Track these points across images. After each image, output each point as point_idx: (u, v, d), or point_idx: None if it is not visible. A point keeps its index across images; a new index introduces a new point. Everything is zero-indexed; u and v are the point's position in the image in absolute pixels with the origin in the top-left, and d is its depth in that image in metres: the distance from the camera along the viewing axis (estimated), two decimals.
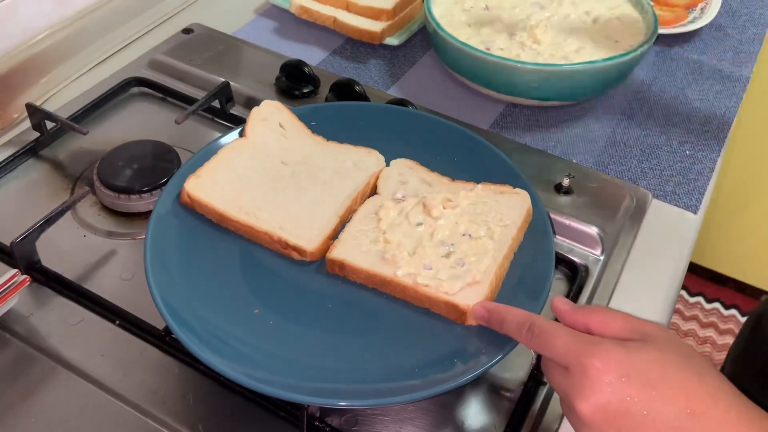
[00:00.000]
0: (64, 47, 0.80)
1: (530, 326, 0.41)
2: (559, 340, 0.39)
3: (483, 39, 0.78)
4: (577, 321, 0.41)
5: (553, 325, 0.40)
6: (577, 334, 0.39)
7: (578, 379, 0.37)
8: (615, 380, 0.36)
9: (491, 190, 0.58)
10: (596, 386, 0.37)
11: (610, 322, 0.40)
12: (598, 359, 0.37)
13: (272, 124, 0.63)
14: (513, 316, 0.43)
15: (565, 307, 0.42)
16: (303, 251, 0.54)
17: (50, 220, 0.59)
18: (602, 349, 0.37)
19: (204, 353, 0.46)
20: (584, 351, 0.38)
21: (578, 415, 0.37)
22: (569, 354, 0.38)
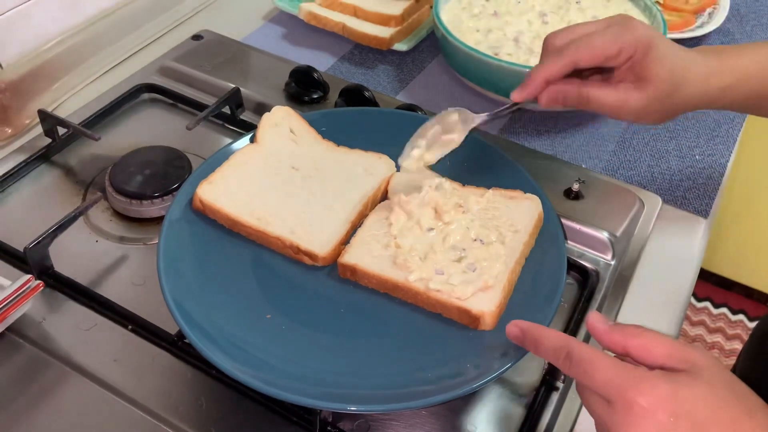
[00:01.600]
0: (76, 54, 0.81)
1: (568, 353, 0.39)
2: (601, 372, 0.37)
3: (491, 44, 0.79)
4: (615, 342, 0.39)
5: (593, 353, 0.38)
6: (619, 364, 0.37)
7: (622, 415, 0.35)
8: (662, 420, 0.34)
9: (502, 195, 0.58)
10: (642, 425, 0.35)
11: (653, 348, 0.38)
12: (644, 396, 0.35)
13: (283, 130, 0.63)
14: (548, 339, 0.41)
15: (601, 326, 0.40)
16: (315, 256, 0.54)
17: (63, 225, 0.59)
18: (648, 384, 0.35)
19: (217, 357, 0.46)
20: (629, 385, 0.35)
21: None
22: (612, 387, 0.36)
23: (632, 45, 0.51)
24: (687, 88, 0.52)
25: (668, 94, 0.52)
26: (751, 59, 0.54)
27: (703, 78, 0.53)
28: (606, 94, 0.53)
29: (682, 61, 0.52)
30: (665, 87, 0.52)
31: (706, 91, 0.53)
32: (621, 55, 0.52)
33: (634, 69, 0.52)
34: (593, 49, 0.52)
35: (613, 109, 0.53)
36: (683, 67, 0.52)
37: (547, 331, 0.41)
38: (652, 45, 0.51)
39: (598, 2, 0.84)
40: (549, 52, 0.54)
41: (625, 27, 0.52)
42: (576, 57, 0.52)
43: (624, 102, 0.52)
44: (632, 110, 0.53)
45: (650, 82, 0.52)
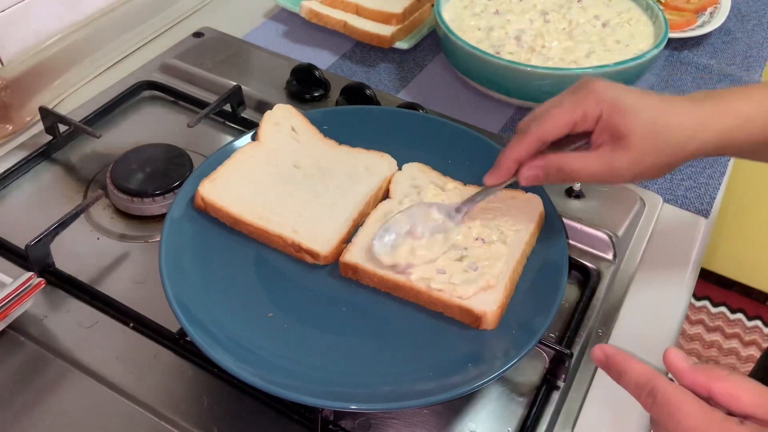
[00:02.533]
0: (76, 51, 0.81)
1: (652, 390, 0.37)
2: (689, 419, 0.36)
3: (493, 43, 0.79)
4: (698, 384, 0.37)
5: (680, 397, 0.36)
6: (707, 412, 0.36)
7: None
8: None
9: (504, 194, 0.58)
10: None
11: (741, 395, 0.36)
12: None
13: (285, 128, 0.63)
14: (633, 370, 0.39)
15: (682, 365, 0.38)
16: (316, 255, 0.54)
17: (64, 223, 0.59)
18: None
19: (219, 355, 0.46)
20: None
21: None
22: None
23: (596, 105, 0.48)
24: (676, 136, 0.48)
25: (653, 146, 0.48)
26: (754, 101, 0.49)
27: (697, 124, 0.48)
28: (588, 161, 0.49)
29: (659, 109, 0.48)
30: (646, 140, 0.48)
31: (706, 139, 0.48)
32: (587, 118, 0.48)
33: (607, 129, 0.48)
34: (555, 119, 0.49)
35: (602, 175, 0.49)
36: (662, 114, 0.48)
37: (633, 363, 0.39)
38: (617, 100, 0.48)
39: (599, 0, 0.84)
40: (515, 134, 0.51)
41: (586, 89, 0.49)
42: (540, 131, 0.49)
43: (609, 165, 0.48)
44: (622, 171, 0.48)
45: (628, 138, 0.47)
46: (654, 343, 0.57)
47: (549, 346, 0.52)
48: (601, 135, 0.49)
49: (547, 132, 0.49)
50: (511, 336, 0.50)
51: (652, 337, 0.57)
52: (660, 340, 0.57)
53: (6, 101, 0.73)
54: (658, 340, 0.57)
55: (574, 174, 0.50)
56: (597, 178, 0.49)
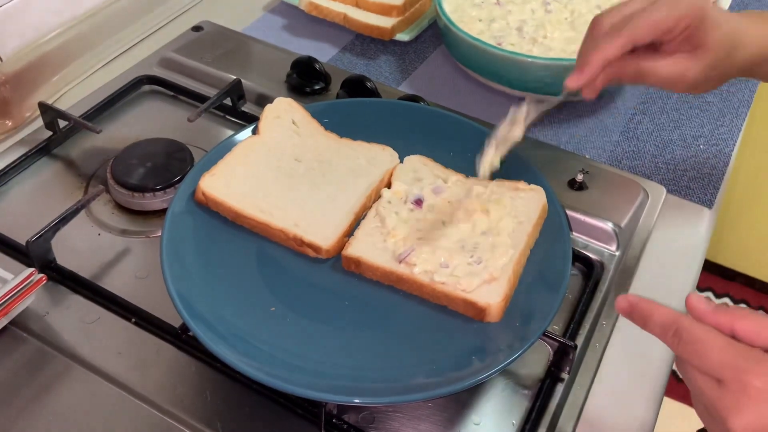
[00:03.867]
0: (75, 45, 0.80)
1: (677, 330, 0.38)
2: (714, 352, 0.36)
3: (494, 34, 0.78)
4: (722, 323, 0.38)
5: (705, 333, 0.37)
6: (733, 344, 0.37)
7: (735, 396, 0.35)
8: None
9: (506, 186, 0.58)
10: (755, 406, 0.35)
11: (763, 330, 0.37)
12: (760, 378, 0.35)
13: (285, 122, 0.63)
14: (658, 315, 0.40)
15: (704, 307, 0.39)
16: (318, 248, 0.54)
17: (65, 218, 0.59)
18: (764, 367, 0.35)
19: (221, 350, 0.46)
20: (744, 368, 0.35)
21: (729, 430, 0.36)
22: (726, 368, 0.36)
23: (688, 15, 0.51)
24: (740, 52, 0.53)
25: (723, 60, 0.52)
26: None
27: (757, 41, 0.53)
28: (663, 66, 0.52)
29: (736, 24, 0.53)
30: (721, 53, 0.52)
31: (759, 53, 0.54)
32: (678, 26, 0.51)
33: (690, 39, 0.52)
34: (652, 23, 0.51)
35: (670, 81, 0.53)
36: (737, 30, 0.53)
37: (657, 307, 0.40)
38: (706, 13, 0.51)
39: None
40: (601, 33, 0.52)
41: None
42: (635, 35, 0.51)
43: (683, 72, 0.52)
44: (691, 80, 0.53)
45: (707, 50, 0.51)
46: None
47: (553, 338, 0.51)
48: (681, 44, 0.52)
49: (643, 34, 0.51)
50: (515, 328, 0.49)
51: None
52: None
53: (5, 97, 0.73)
54: None
55: (649, 76, 0.53)
56: (665, 82, 0.53)
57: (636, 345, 0.56)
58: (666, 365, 0.55)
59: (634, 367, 0.54)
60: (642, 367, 0.54)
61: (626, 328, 0.57)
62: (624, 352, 0.55)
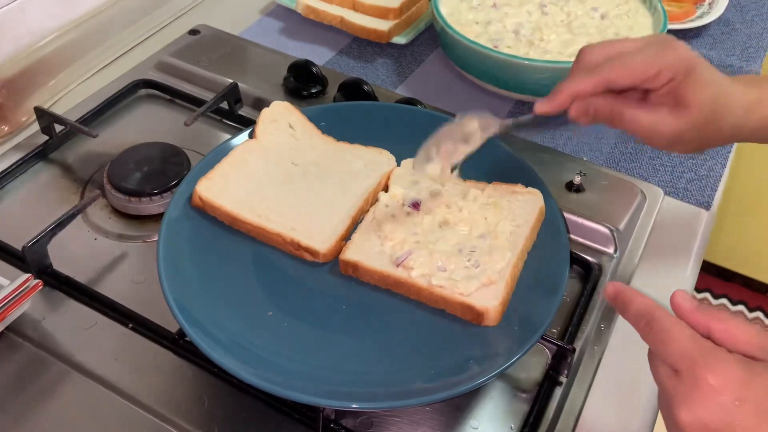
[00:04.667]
0: (72, 50, 0.80)
1: (650, 320, 0.39)
2: (677, 343, 0.37)
3: (491, 37, 0.78)
4: (699, 323, 0.38)
5: (674, 324, 0.38)
6: (697, 339, 0.37)
7: (687, 388, 0.35)
8: (727, 401, 0.34)
9: (503, 189, 0.58)
10: (705, 402, 0.35)
11: (737, 334, 0.37)
12: (715, 375, 0.35)
13: (282, 125, 0.63)
14: (638, 303, 0.40)
15: (686, 305, 0.39)
16: (315, 252, 0.54)
17: (61, 223, 0.58)
18: (722, 365, 0.35)
19: (219, 356, 0.46)
20: (702, 362, 0.35)
21: (676, 421, 0.36)
22: (684, 359, 0.36)
23: (673, 67, 0.47)
24: (727, 118, 0.49)
25: (707, 123, 0.48)
26: None
27: (744, 108, 0.49)
28: (641, 115, 0.49)
29: (725, 88, 0.49)
30: (705, 114, 0.48)
31: (745, 123, 0.50)
32: (660, 77, 0.48)
33: (673, 93, 0.48)
34: (631, 68, 0.48)
35: (646, 132, 0.49)
36: (726, 94, 0.49)
37: (638, 296, 0.40)
38: (695, 68, 0.48)
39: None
40: (581, 67, 0.50)
41: (665, 47, 0.48)
42: (611, 76, 0.48)
43: (660, 126, 0.49)
44: (667, 136, 0.49)
45: (690, 108, 0.48)
46: None
47: (551, 342, 0.51)
48: (665, 97, 0.49)
49: (619, 78, 0.48)
50: (513, 332, 0.49)
51: None
52: None
53: (1, 102, 0.73)
54: None
55: (626, 122, 0.49)
56: (641, 133, 0.49)
57: (634, 348, 0.55)
58: None
59: (632, 370, 0.54)
60: (640, 370, 0.54)
61: (624, 330, 0.57)
62: (622, 355, 0.55)
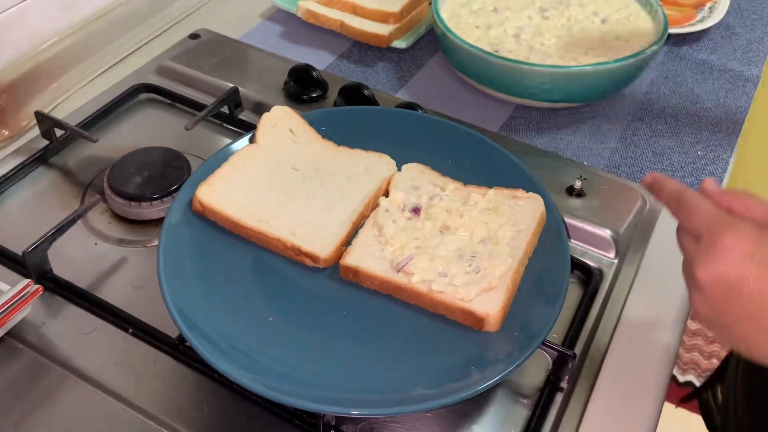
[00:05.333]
0: (72, 54, 0.80)
1: (679, 197, 0.44)
2: (701, 214, 0.41)
3: (491, 41, 0.78)
4: (722, 201, 0.43)
5: (699, 200, 0.43)
6: (718, 211, 0.41)
7: (706, 249, 0.40)
8: (739, 257, 0.39)
9: (504, 194, 0.58)
10: (720, 258, 0.39)
11: (753, 207, 0.42)
12: (730, 235, 0.39)
13: (282, 130, 0.63)
14: (670, 185, 0.45)
15: (712, 189, 0.44)
16: (316, 258, 0.54)
17: (61, 228, 0.58)
18: (736, 227, 0.39)
19: (219, 362, 0.46)
20: (720, 227, 0.40)
21: (695, 280, 0.40)
22: (705, 226, 0.41)
23: None
24: None
25: None
26: None
27: None
28: None
29: None
30: None
31: None
32: None
33: None
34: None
35: None
36: None
37: (670, 181, 0.46)
38: None
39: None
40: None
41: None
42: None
43: None
44: None
45: None
46: (658, 341, 0.56)
47: (552, 347, 0.51)
48: None
49: None
50: (514, 338, 0.49)
51: (656, 336, 0.57)
52: (664, 339, 0.57)
53: (1, 106, 0.73)
54: (662, 338, 0.57)
55: None
56: None
57: (635, 353, 0.55)
58: (666, 373, 0.55)
59: (633, 375, 0.54)
60: (642, 375, 0.54)
61: (625, 335, 0.57)
62: (623, 360, 0.55)
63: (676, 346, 0.57)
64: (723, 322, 0.41)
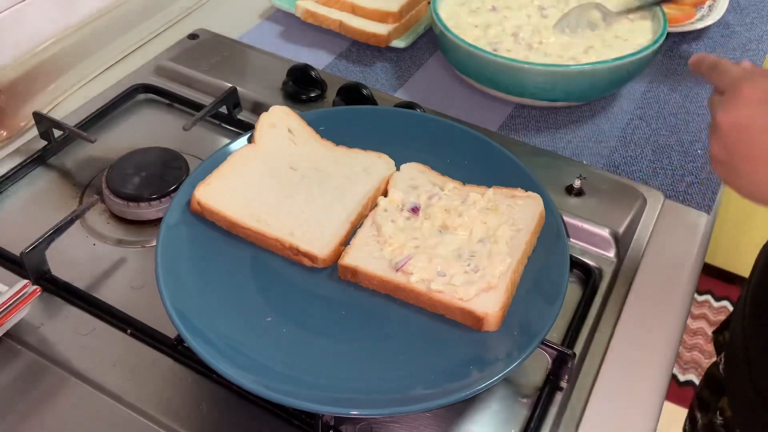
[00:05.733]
0: (71, 55, 0.80)
1: (715, 65, 0.50)
2: (729, 75, 0.48)
3: (490, 40, 0.78)
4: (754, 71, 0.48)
5: (731, 65, 0.49)
6: (745, 71, 0.48)
7: (728, 98, 0.46)
8: (753, 102, 0.45)
9: (503, 194, 0.57)
10: (738, 104, 0.46)
11: None
12: (749, 88, 0.46)
13: (281, 130, 0.63)
14: (709, 58, 0.52)
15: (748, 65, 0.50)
16: (315, 258, 0.54)
17: (60, 229, 0.58)
18: (756, 80, 0.46)
19: (217, 363, 0.46)
20: (742, 81, 0.46)
21: (716, 123, 0.47)
22: (731, 82, 0.47)
23: None
24: None
25: None
26: None
27: None
28: None
29: None
30: None
31: None
32: None
33: None
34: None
35: None
36: None
37: (709, 56, 0.52)
38: None
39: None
40: None
41: None
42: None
43: None
44: None
45: None
46: (658, 340, 0.56)
47: (551, 347, 0.51)
48: None
49: None
50: (513, 338, 0.49)
51: (656, 335, 0.57)
52: (664, 338, 0.56)
53: (0, 106, 0.73)
54: (661, 337, 0.56)
55: None
56: None
57: (635, 352, 0.55)
58: (666, 372, 0.55)
59: (633, 374, 0.54)
60: (641, 374, 0.54)
61: (625, 334, 0.57)
62: (623, 360, 0.55)
63: (677, 346, 0.56)
64: (734, 163, 0.46)
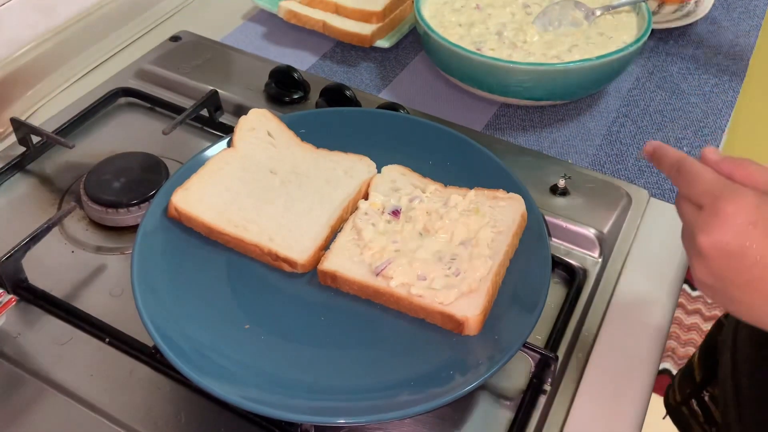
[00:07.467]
0: (50, 59, 0.79)
1: (680, 166, 0.43)
2: (701, 183, 0.41)
3: (474, 39, 0.77)
4: (723, 169, 0.42)
5: (700, 168, 0.42)
6: (719, 178, 0.41)
7: (708, 216, 0.40)
8: (741, 224, 0.39)
9: (485, 195, 0.57)
10: (723, 225, 0.39)
11: (756, 174, 0.41)
12: (732, 204, 0.39)
13: (260, 134, 0.62)
14: (672, 154, 0.45)
15: (713, 157, 0.43)
16: (294, 263, 0.53)
17: (36, 237, 0.57)
18: (738, 195, 0.39)
19: (194, 373, 0.45)
20: (721, 194, 0.40)
21: (697, 247, 0.40)
22: (706, 194, 0.40)
23: None
24: None
25: None
26: None
27: None
28: None
29: None
30: None
31: None
32: None
33: None
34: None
35: None
36: None
37: (670, 150, 0.45)
38: None
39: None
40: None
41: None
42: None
43: None
44: None
45: None
46: (643, 342, 0.56)
47: (534, 350, 0.50)
48: None
49: None
50: (494, 341, 0.48)
51: (641, 337, 0.56)
52: (649, 340, 0.56)
53: None
54: (646, 338, 0.56)
55: None
56: None
57: (620, 353, 0.55)
58: (651, 375, 0.54)
59: (617, 377, 0.53)
60: (626, 377, 0.53)
61: (610, 336, 0.56)
62: (608, 361, 0.54)
63: (662, 347, 0.56)
64: (725, 290, 0.41)
